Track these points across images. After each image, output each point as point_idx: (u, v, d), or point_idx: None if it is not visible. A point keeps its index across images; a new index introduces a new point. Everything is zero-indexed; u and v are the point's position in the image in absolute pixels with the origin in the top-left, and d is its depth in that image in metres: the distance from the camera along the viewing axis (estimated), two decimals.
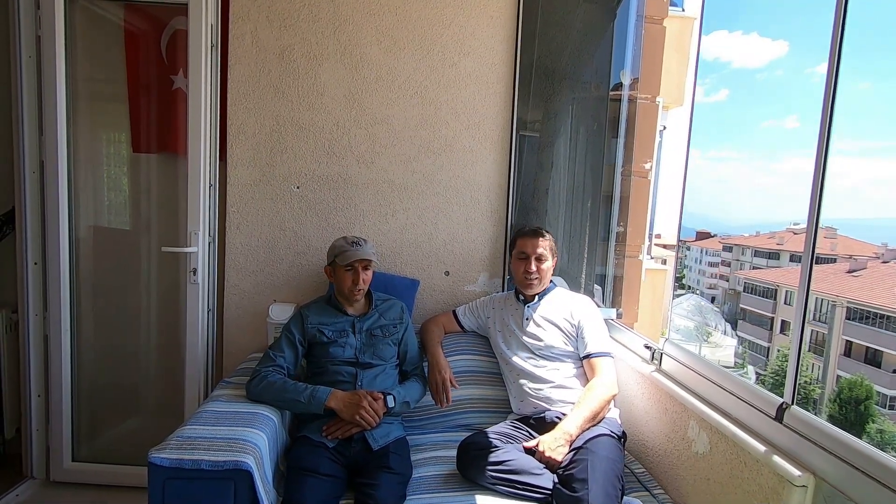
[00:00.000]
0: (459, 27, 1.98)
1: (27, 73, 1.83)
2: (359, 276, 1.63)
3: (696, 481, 1.38)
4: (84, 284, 2.04)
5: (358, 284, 1.63)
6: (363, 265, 1.64)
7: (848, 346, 18.02)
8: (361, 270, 1.64)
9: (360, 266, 1.63)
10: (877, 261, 20.07)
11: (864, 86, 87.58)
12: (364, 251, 1.63)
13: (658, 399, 1.59)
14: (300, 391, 1.48)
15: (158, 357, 2.16)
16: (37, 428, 1.98)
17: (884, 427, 15.13)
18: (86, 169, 2.04)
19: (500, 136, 2.04)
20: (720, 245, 29.81)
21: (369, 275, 1.67)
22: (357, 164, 2.01)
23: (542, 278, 1.74)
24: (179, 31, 1.97)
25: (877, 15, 60.76)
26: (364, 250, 1.64)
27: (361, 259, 1.63)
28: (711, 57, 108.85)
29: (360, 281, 1.63)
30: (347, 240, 1.67)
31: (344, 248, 1.64)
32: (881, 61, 77.83)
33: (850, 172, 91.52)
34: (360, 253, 1.62)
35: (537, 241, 1.74)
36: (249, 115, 1.96)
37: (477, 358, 1.86)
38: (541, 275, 1.74)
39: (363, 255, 1.62)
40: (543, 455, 1.42)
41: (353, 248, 1.63)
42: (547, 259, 1.74)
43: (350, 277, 1.63)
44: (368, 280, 1.67)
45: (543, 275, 1.74)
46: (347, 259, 1.61)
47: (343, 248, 1.64)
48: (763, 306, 22.23)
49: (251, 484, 1.21)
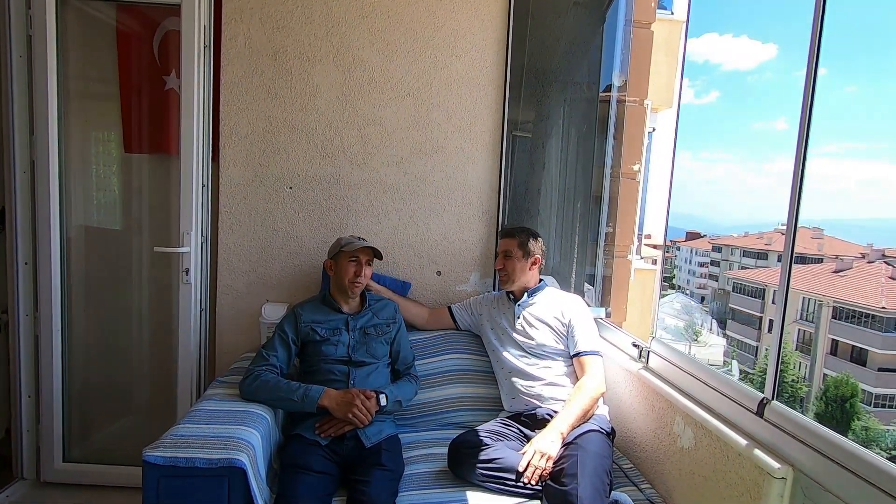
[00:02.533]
0: (451, 30, 2.01)
1: (18, 72, 1.83)
2: (361, 268, 1.67)
3: (681, 475, 1.41)
4: (76, 285, 2.04)
5: (359, 276, 1.67)
6: (367, 258, 1.69)
7: (834, 344, 18.30)
8: (365, 264, 1.68)
9: (364, 259, 1.68)
10: (862, 261, 20.39)
11: (850, 89, 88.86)
12: (370, 243, 1.71)
13: (645, 396, 1.63)
14: (293, 390, 1.50)
15: (151, 357, 2.16)
16: (27, 428, 1.97)
17: (868, 424, 15.38)
18: (77, 169, 2.03)
19: (491, 137, 2.06)
20: (710, 245, 30.12)
21: (370, 272, 1.72)
22: (349, 165, 2.02)
23: (510, 274, 1.78)
24: (172, 32, 1.97)
25: (863, 19, 61.66)
26: (370, 243, 1.71)
27: (367, 249, 1.69)
28: (702, 59, 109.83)
29: (361, 273, 1.67)
30: (353, 236, 1.76)
31: (351, 240, 1.71)
32: (868, 64, 78.98)
33: (837, 174, 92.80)
34: (364, 243, 1.69)
35: (506, 238, 1.82)
36: (242, 115, 1.97)
37: (468, 357, 1.88)
38: (507, 270, 1.78)
39: (368, 245, 1.69)
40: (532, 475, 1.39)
41: (359, 241, 1.70)
42: (514, 256, 1.77)
43: (353, 268, 1.66)
44: (368, 276, 1.72)
45: (510, 270, 1.78)
46: (355, 247, 1.67)
47: (350, 240, 1.71)
48: (752, 306, 22.50)
49: (245, 481, 1.22)
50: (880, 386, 16.72)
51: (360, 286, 1.69)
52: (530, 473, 1.39)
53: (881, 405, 16.73)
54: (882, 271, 18.71)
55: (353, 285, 1.67)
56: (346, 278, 1.66)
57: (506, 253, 1.79)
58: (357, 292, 1.70)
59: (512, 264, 1.77)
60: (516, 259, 1.77)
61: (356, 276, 1.66)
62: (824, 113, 16.35)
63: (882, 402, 16.79)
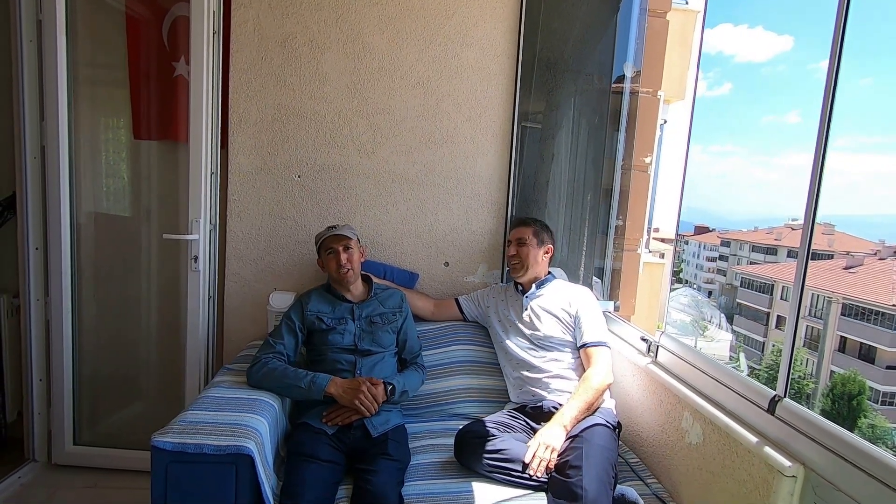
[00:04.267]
0: (462, 18, 1.97)
1: (28, 57, 1.82)
2: (340, 257, 1.65)
3: (688, 471, 1.41)
4: (85, 270, 2.05)
5: (342, 265, 1.65)
6: (342, 244, 1.67)
7: (842, 341, 18.17)
8: (342, 250, 1.66)
9: (339, 246, 1.66)
10: (873, 257, 20.17)
11: (865, 82, 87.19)
12: (338, 230, 1.69)
13: (653, 390, 1.62)
14: (300, 378, 1.50)
15: (159, 343, 2.18)
16: (38, 412, 2.00)
17: (875, 422, 15.31)
18: (86, 155, 2.03)
19: (501, 127, 2.04)
20: (718, 240, 29.87)
21: (353, 255, 1.69)
22: (358, 153, 2.01)
23: (523, 260, 1.77)
24: (180, 18, 1.96)
25: (879, 12, 60.17)
26: (338, 230, 1.69)
27: (336, 237, 1.67)
28: (714, 50, 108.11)
29: (343, 261, 1.66)
30: (327, 227, 1.74)
31: (322, 234, 1.71)
32: (886, 57, 77.34)
33: (849, 168, 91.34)
34: (334, 231, 1.69)
35: (520, 227, 1.80)
36: (251, 103, 1.96)
37: (475, 348, 1.88)
38: (521, 257, 1.77)
39: (337, 233, 1.68)
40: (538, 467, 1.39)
41: (328, 232, 1.70)
42: (529, 244, 1.76)
43: (333, 260, 1.67)
44: (354, 259, 1.69)
45: (524, 256, 1.77)
46: (322, 241, 1.68)
47: (322, 234, 1.71)
48: (759, 301, 22.36)
49: (252, 468, 1.23)
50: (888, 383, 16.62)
51: (350, 273, 1.67)
52: (536, 465, 1.39)
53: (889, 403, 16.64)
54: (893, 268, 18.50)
55: (341, 275, 1.67)
56: (333, 271, 1.67)
57: (520, 240, 1.78)
58: (351, 279, 1.69)
59: (526, 251, 1.77)
60: (531, 246, 1.77)
61: (339, 266, 1.66)
62: (837, 106, 16.06)
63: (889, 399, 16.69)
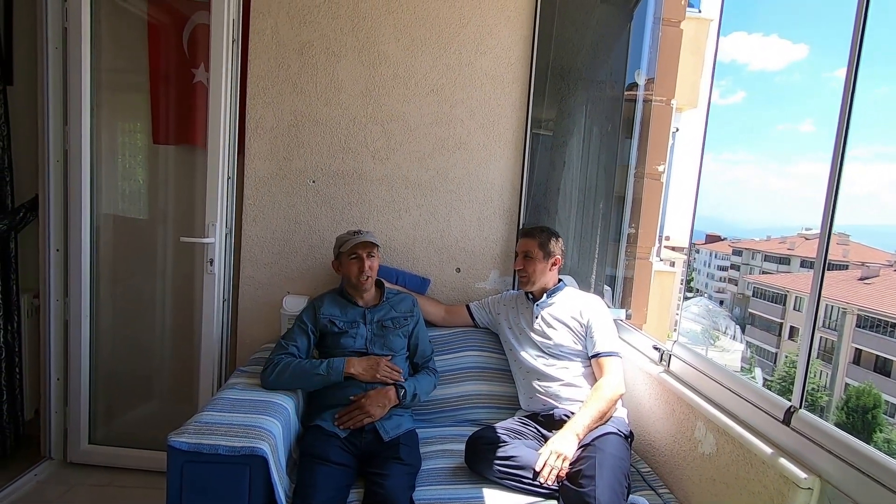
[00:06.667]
0: (477, 26, 2.00)
1: (53, 63, 1.87)
2: (364, 263, 1.66)
3: (701, 481, 1.39)
4: (103, 271, 2.09)
5: (364, 271, 1.66)
6: (367, 251, 1.68)
7: (857, 353, 17.82)
8: (366, 257, 1.67)
9: (364, 253, 1.67)
10: (889, 268, 19.79)
11: (882, 90, 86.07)
12: (365, 236, 1.69)
13: (666, 400, 1.61)
14: (317, 365, 1.54)
15: (173, 345, 2.21)
16: (55, 410, 2.03)
17: (891, 437, 14.96)
18: (107, 159, 2.08)
19: (514, 135, 2.05)
20: (730, 249, 29.53)
21: (375, 262, 1.70)
22: (372, 160, 2.03)
23: (530, 275, 1.76)
24: (200, 26, 2.00)
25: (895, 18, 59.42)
26: (365, 236, 1.69)
27: (364, 244, 1.67)
28: (728, 58, 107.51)
29: (365, 268, 1.66)
30: (349, 232, 1.73)
31: (346, 238, 1.70)
32: None
33: (864, 178, 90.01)
34: (361, 238, 1.68)
35: (526, 239, 1.79)
36: (268, 109, 1.99)
37: (486, 354, 1.88)
38: (527, 271, 1.76)
39: (364, 239, 1.68)
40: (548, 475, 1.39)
41: (354, 237, 1.69)
42: (535, 257, 1.76)
43: (356, 265, 1.67)
44: (375, 267, 1.70)
45: (531, 271, 1.76)
46: (349, 246, 1.67)
47: (345, 238, 1.71)
48: (772, 311, 22.02)
49: (266, 470, 1.24)
50: None
51: (369, 280, 1.69)
52: (546, 473, 1.39)
53: None
54: None
55: (361, 282, 1.68)
56: (353, 276, 1.67)
57: (525, 254, 1.77)
58: (368, 286, 1.70)
59: (532, 265, 1.76)
60: (537, 260, 1.76)
61: (360, 272, 1.67)
62: (854, 115, 15.80)
63: None
